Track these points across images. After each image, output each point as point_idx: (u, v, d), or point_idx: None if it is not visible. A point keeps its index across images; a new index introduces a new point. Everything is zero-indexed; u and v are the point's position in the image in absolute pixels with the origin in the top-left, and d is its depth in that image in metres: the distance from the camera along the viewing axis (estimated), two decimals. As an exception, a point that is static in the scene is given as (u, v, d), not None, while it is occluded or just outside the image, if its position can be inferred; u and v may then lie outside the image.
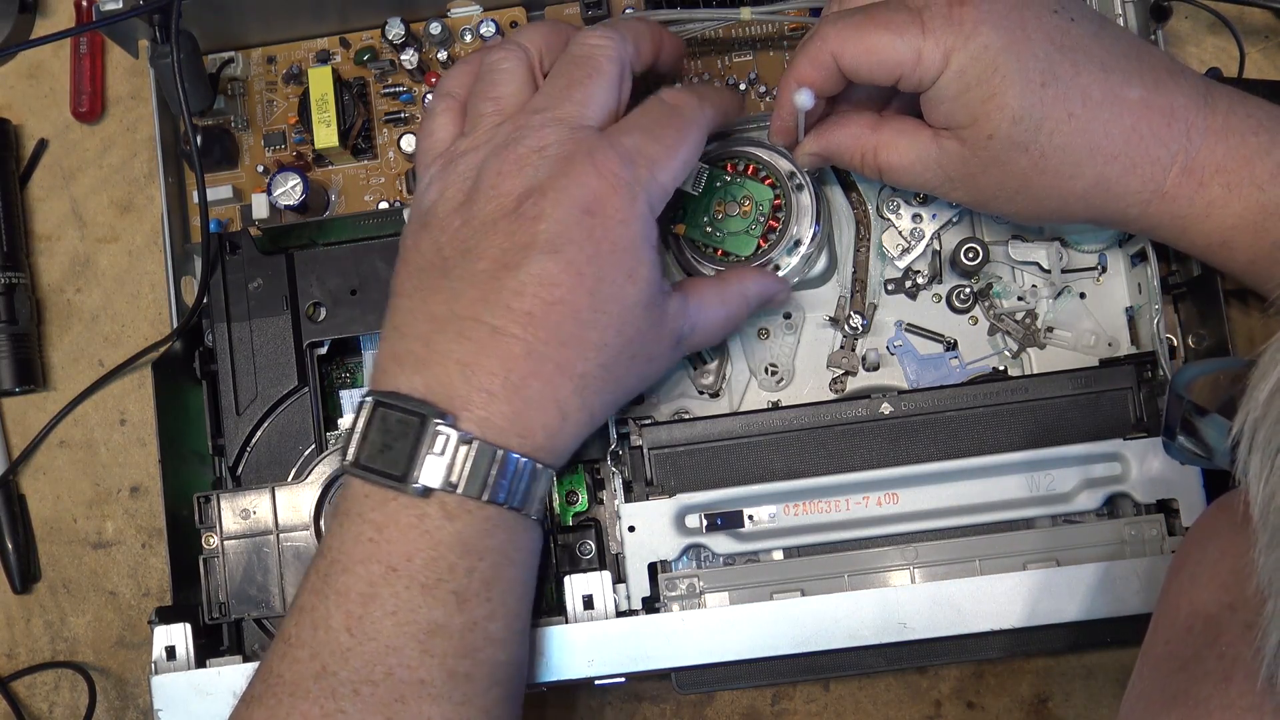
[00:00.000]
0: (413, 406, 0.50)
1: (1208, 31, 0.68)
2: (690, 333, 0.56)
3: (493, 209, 0.51)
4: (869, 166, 0.57)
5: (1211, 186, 0.53)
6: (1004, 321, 0.63)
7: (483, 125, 0.54)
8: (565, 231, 0.50)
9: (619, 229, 0.51)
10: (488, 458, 0.50)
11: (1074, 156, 0.52)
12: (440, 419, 0.49)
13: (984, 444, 0.59)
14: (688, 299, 0.55)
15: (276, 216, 0.66)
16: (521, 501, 0.51)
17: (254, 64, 0.69)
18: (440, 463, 0.49)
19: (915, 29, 0.52)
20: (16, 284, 0.69)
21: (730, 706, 0.65)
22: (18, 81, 0.73)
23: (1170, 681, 0.43)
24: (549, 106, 0.53)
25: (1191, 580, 0.44)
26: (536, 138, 0.52)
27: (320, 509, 0.60)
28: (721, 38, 0.67)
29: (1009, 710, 0.64)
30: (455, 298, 0.51)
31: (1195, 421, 0.44)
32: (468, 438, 0.49)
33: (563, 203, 0.50)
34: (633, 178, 0.52)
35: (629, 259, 0.51)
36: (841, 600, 0.56)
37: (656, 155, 0.53)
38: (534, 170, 0.51)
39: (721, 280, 0.58)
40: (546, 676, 0.57)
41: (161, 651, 0.59)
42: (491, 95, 0.55)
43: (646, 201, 0.52)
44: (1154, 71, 0.53)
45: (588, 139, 0.52)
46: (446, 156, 0.54)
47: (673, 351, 0.55)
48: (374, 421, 0.51)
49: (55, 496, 0.70)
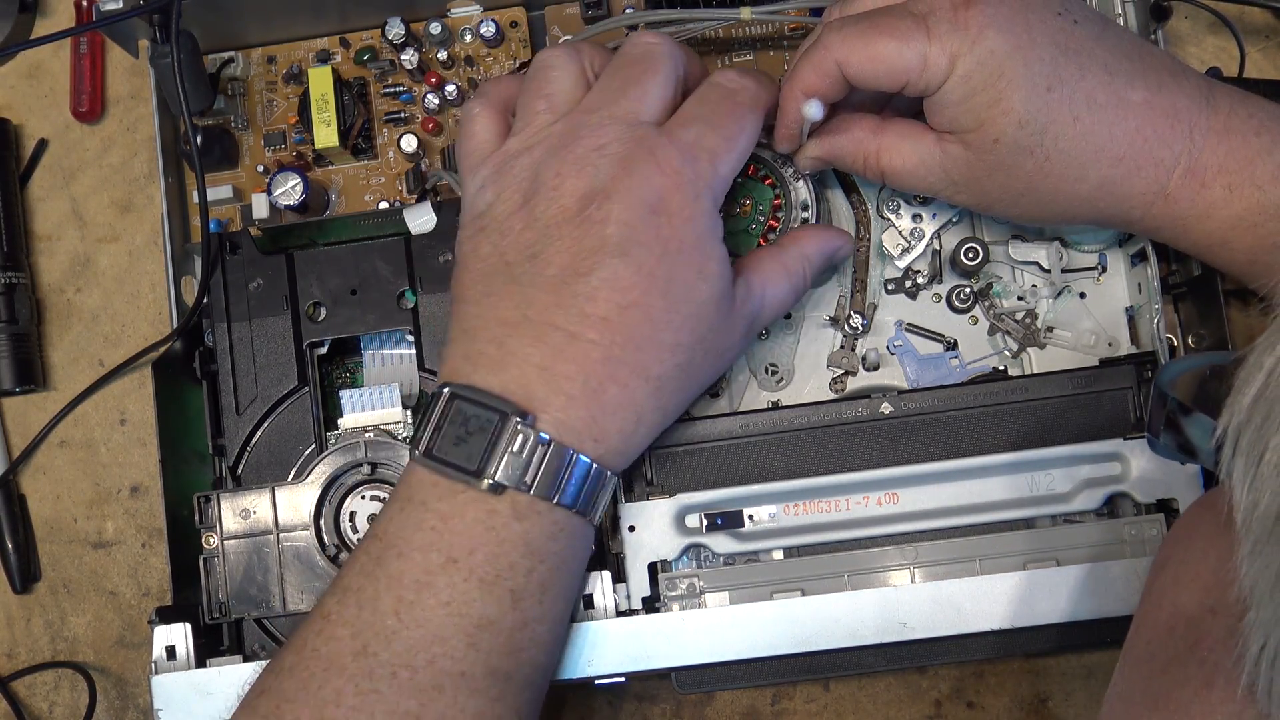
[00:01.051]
0: (492, 402, 0.50)
1: (1208, 31, 0.68)
2: (760, 314, 0.55)
3: (555, 211, 0.51)
4: (871, 170, 0.57)
5: (1213, 188, 0.53)
6: (1004, 321, 0.63)
7: (535, 124, 0.53)
8: (633, 234, 0.50)
9: (685, 227, 0.51)
10: (563, 461, 0.50)
11: (1079, 160, 0.52)
12: (520, 418, 0.49)
13: (984, 444, 0.59)
14: (751, 280, 0.55)
15: (276, 216, 0.66)
16: (588, 506, 0.51)
17: (254, 64, 0.69)
18: (516, 461, 0.49)
19: (920, 35, 0.51)
20: (16, 284, 0.69)
21: (730, 706, 0.65)
22: (18, 81, 0.73)
23: (1152, 684, 0.43)
24: (605, 104, 0.53)
25: (1174, 580, 0.44)
26: (594, 136, 0.51)
27: (320, 509, 0.61)
28: (721, 38, 0.67)
29: (1009, 710, 0.64)
30: (526, 302, 0.50)
31: (1180, 420, 0.43)
32: (545, 439, 0.49)
33: (629, 204, 0.50)
34: (695, 174, 0.51)
35: (698, 256, 0.51)
36: (841, 600, 0.56)
37: (716, 147, 0.53)
38: (595, 170, 0.51)
39: (780, 250, 0.57)
40: (546, 676, 0.57)
41: (161, 651, 0.59)
42: (544, 93, 0.54)
43: (710, 196, 0.52)
44: (1157, 72, 0.53)
45: (647, 136, 0.51)
46: (499, 159, 0.53)
47: (745, 337, 0.55)
48: (449, 414, 0.50)
49: (55, 496, 0.70)
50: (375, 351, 0.65)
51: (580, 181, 0.51)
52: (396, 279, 0.62)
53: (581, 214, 0.50)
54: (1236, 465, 0.37)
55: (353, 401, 0.62)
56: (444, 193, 0.67)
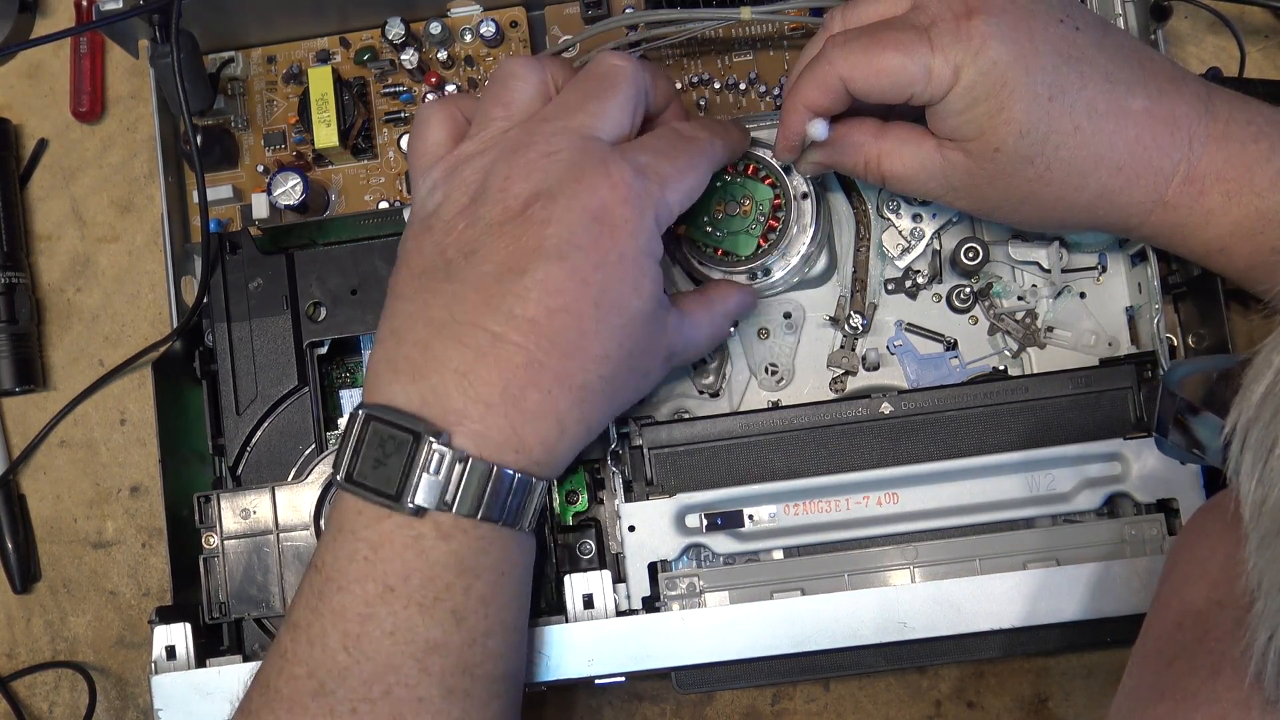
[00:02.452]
0: (407, 423, 0.49)
1: (1208, 31, 0.68)
2: (682, 349, 0.56)
3: (499, 211, 0.50)
4: (872, 174, 0.57)
5: (1211, 195, 0.53)
6: (1004, 321, 0.63)
7: (490, 129, 0.53)
8: (573, 238, 0.49)
9: (626, 239, 0.50)
10: (483, 476, 0.49)
11: (1079, 168, 0.52)
12: (435, 437, 0.48)
13: (984, 444, 0.59)
14: (683, 315, 0.55)
15: (276, 216, 0.66)
16: (515, 517, 0.50)
17: (254, 64, 0.69)
18: (434, 482, 0.48)
19: (924, 47, 0.51)
20: (16, 284, 0.69)
21: (730, 706, 0.65)
22: (18, 81, 0.73)
23: (1159, 676, 0.43)
24: (562, 115, 0.52)
25: (1182, 579, 0.45)
26: (547, 143, 0.51)
27: (320, 509, 0.60)
28: (721, 38, 0.67)
29: (1009, 710, 0.64)
30: (456, 301, 0.50)
31: (1187, 419, 0.44)
32: (463, 455, 0.49)
33: (572, 208, 0.50)
34: (643, 190, 0.51)
35: (634, 270, 0.51)
36: (841, 600, 0.56)
37: (668, 174, 0.52)
38: (543, 175, 0.50)
39: (706, 298, 0.58)
40: (546, 676, 0.57)
41: (161, 651, 0.59)
42: (503, 100, 0.54)
43: (654, 215, 0.52)
44: (1156, 79, 0.53)
45: (600, 149, 0.51)
46: (450, 161, 0.53)
47: (663, 367, 0.55)
48: (366, 436, 0.50)
49: (55, 496, 0.70)
50: (369, 356, 0.65)
51: (528, 184, 0.50)
52: (396, 279, 0.62)
53: (524, 214, 0.50)
54: (1245, 461, 0.38)
55: (352, 401, 0.62)
56: (444, 193, 0.67)
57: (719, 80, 0.67)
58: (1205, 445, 0.43)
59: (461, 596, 0.50)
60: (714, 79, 0.67)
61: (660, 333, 0.53)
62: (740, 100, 0.67)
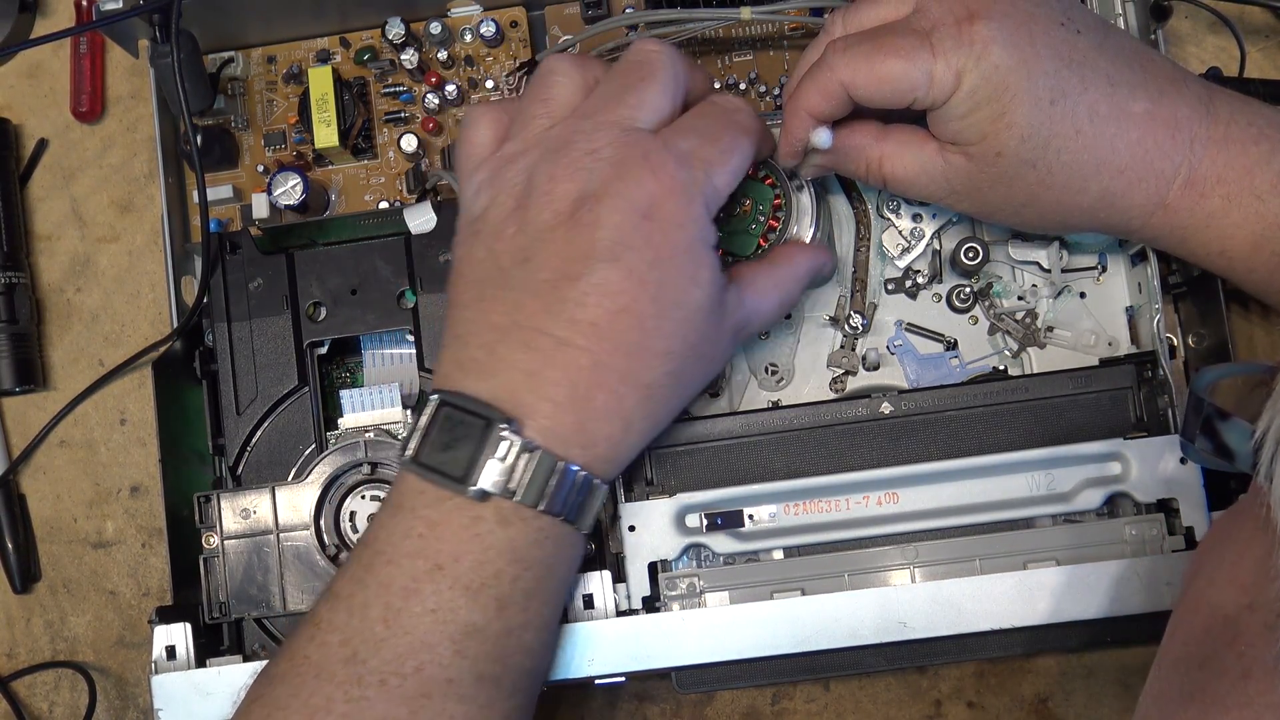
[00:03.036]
0: (479, 409, 0.49)
1: (1208, 31, 0.68)
2: (748, 323, 0.55)
3: (548, 215, 0.50)
4: (874, 176, 0.57)
5: (1212, 198, 0.53)
6: (1004, 321, 0.63)
7: (532, 129, 0.53)
8: (624, 238, 0.49)
9: (677, 232, 0.50)
10: (548, 468, 0.49)
11: (1080, 172, 0.52)
12: (505, 424, 0.49)
13: (984, 443, 0.59)
14: (742, 289, 0.55)
15: (276, 216, 0.66)
16: (575, 515, 0.51)
17: (254, 64, 0.69)
18: (501, 468, 0.49)
19: (925, 52, 0.51)
20: (16, 284, 0.69)
21: (730, 706, 0.65)
22: (18, 81, 0.73)
23: (1187, 680, 0.43)
24: (601, 110, 0.52)
25: (1209, 583, 0.45)
26: (589, 141, 0.51)
27: (320, 509, 0.61)
28: (721, 38, 0.67)
29: (1009, 710, 0.64)
30: (517, 308, 0.50)
31: (1217, 425, 0.44)
32: (530, 445, 0.49)
33: (620, 208, 0.50)
34: (689, 179, 0.51)
35: (690, 262, 0.51)
36: (841, 600, 0.56)
37: (712, 158, 0.52)
38: (588, 174, 0.50)
39: (771, 262, 0.57)
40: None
41: (161, 651, 0.59)
42: (544, 98, 0.54)
43: (703, 203, 0.51)
44: (1158, 81, 0.53)
45: (642, 141, 0.51)
46: (494, 163, 0.53)
47: (732, 345, 0.55)
48: (438, 420, 0.50)
49: (55, 496, 0.70)
50: (375, 351, 0.65)
51: (573, 185, 0.50)
52: (396, 279, 0.62)
53: (573, 217, 0.50)
54: (1277, 466, 0.38)
55: (353, 401, 0.62)
56: (444, 193, 0.67)
57: (719, 80, 0.67)
58: (1234, 451, 0.43)
59: (509, 585, 0.50)
60: (714, 79, 0.67)
61: (720, 317, 0.53)
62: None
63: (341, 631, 0.50)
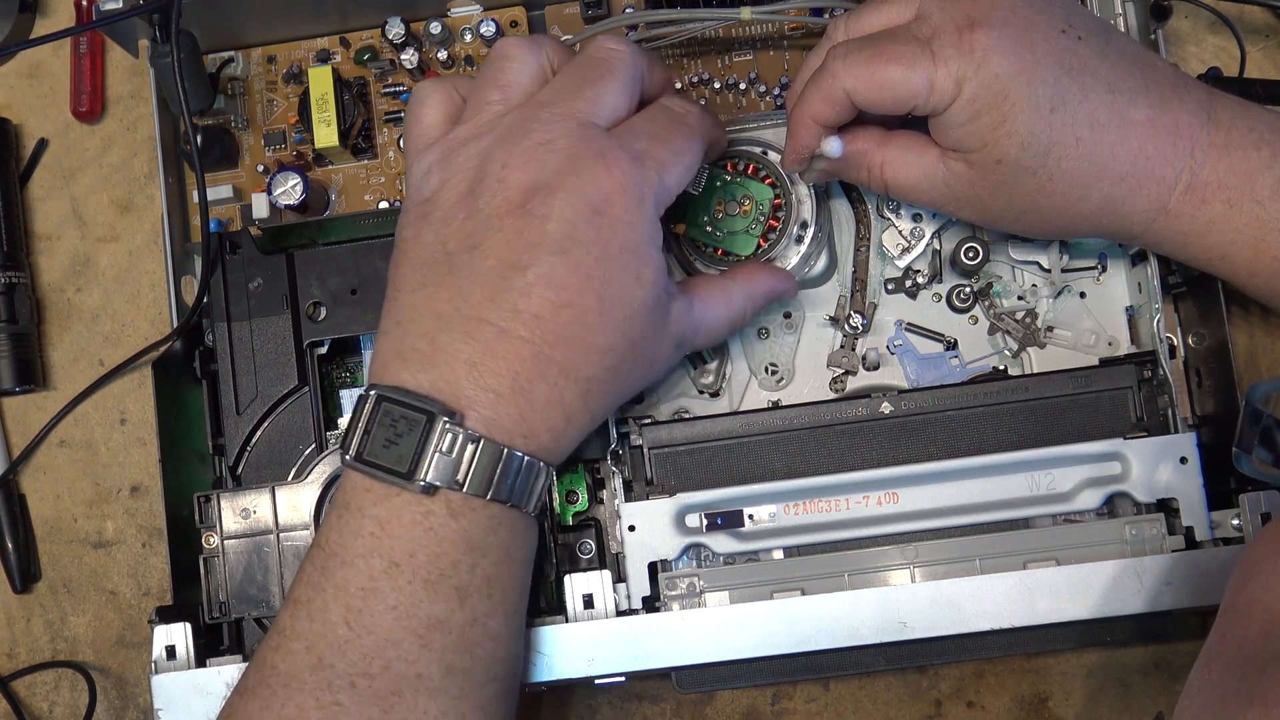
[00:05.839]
0: (420, 403, 0.50)
1: (1208, 31, 0.68)
2: (693, 335, 0.55)
3: (499, 203, 0.50)
4: (875, 182, 0.57)
5: (1213, 203, 0.53)
6: (1004, 321, 0.63)
7: (486, 113, 0.53)
8: (574, 232, 0.50)
9: (627, 230, 0.51)
10: (494, 457, 0.49)
11: (1081, 179, 0.52)
12: (448, 417, 0.49)
13: (984, 443, 0.59)
14: (692, 300, 0.55)
15: (276, 216, 0.66)
16: (523, 499, 0.51)
17: (254, 64, 0.69)
18: (446, 461, 0.49)
19: (926, 60, 0.51)
20: (16, 284, 0.69)
21: (730, 706, 0.65)
22: (18, 81, 0.73)
23: (1247, 683, 0.43)
24: (558, 101, 0.52)
25: (1264, 587, 0.45)
26: (545, 131, 0.51)
27: (320, 508, 0.60)
28: (721, 38, 0.67)
29: (1009, 710, 0.64)
30: (461, 296, 0.50)
31: (1276, 436, 0.44)
32: (474, 436, 0.49)
33: (572, 202, 0.50)
34: (641, 178, 0.51)
35: (636, 261, 0.51)
36: (841, 599, 0.56)
37: (664, 158, 0.52)
38: (541, 165, 0.50)
39: (726, 280, 0.58)
40: (546, 676, 0.57)
41: (161, 651, 0.59)
42: (500, 83, 0.54)
43: (653, 202, 0.52)
44: (1159, 87, 0.53)
45: (597, 137, 0.51)
46: (446, 144, 0.53)
47: (674, 353, 0.55)
48: (377, 416, 0.50)
49: (55, 496, 0.70)
50: (373, 346, 0.65)
51: (526, 175, 0.50)
52: (396, 279, 0.62)
53: (524, 207, 0.50)
54: None
55: (353, 401, 0.62)
56: (444, 192, 0.67)
57: (719, 80, 0.67)
58: None
59: (467, 575, 0.50)
60: (714, 79, 0.67)
61: (665, 320, 0.53)
62: (740, 100, 0.67)
63: (305, 638, 0.50)
